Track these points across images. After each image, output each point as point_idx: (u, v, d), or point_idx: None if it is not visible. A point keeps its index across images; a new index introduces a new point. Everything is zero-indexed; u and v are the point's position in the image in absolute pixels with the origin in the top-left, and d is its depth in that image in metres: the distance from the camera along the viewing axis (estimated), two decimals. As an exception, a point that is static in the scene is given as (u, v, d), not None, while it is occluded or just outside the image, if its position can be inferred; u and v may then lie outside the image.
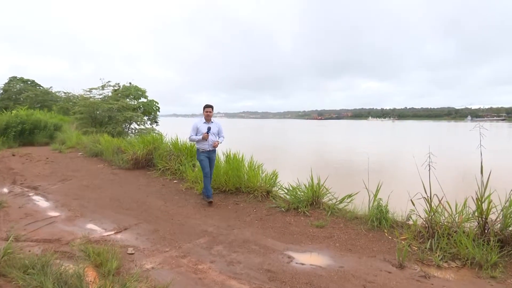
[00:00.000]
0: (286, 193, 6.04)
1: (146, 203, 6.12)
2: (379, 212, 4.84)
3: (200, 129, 5.90)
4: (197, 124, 5.93)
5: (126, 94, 17.31)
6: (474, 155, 4.53)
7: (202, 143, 5.91)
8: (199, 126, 5.91)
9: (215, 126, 5.98)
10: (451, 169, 15.04)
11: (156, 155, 8.88)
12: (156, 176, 8.26)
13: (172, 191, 6.99)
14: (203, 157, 5.94)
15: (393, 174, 14.46)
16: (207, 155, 5.96)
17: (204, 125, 5.91)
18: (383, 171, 14.95)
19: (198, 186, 6.88)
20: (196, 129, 5.92)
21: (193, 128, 5.93)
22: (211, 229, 4.81)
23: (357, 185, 5.67)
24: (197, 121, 6.00)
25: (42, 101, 24.02)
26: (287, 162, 18.44)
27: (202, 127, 5.90)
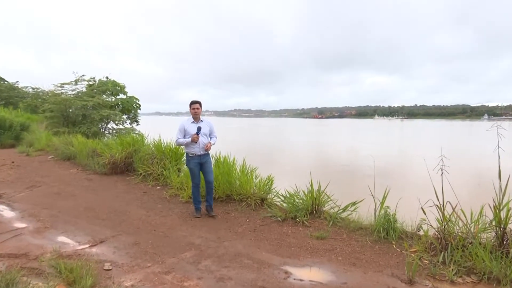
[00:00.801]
0: (283, 201, 6.04)
1: (125, 212, 6.09)
2: (387, 221, 4.86)
3: (188, 130, 5.61)
4: (185, 124, 5.64)
5: (103, 90, 17.20)
6: (491, 158, 4.57)
7: (191, 147, 5.62)
8: (186, 126, 5.63)
9: (205, 125, 5.68)
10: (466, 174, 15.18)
11: (137, 158, 8.85)
12: (137, 182, 8.22)
13: (154, 199, 6.96)
14: (194, 164, 5.67)
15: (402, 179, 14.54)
16: (199, 161, 5.67)
17: (192, 125, 5.62)
18: (391, 176, 15.03)
19: (184, 193, 6.86)
20: (184, 130, 5.63)
21: (179, 129, 5.63)
22: (198, 241, 4.79)
23: (361, 192, 5.69)
24: (184, 121, 5.71)
25: (7, 97, 23.79)
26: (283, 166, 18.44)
27: (190, 127, 5.61)
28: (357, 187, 12.32)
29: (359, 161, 20.19)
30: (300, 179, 6.22)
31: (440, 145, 5.16)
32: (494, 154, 4.30)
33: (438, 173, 4.37)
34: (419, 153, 20.45)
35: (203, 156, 5.69)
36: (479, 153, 22.19)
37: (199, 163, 5.69)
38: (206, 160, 5.73)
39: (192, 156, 5.66)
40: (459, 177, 13.34)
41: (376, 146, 30.87)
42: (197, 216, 5.82)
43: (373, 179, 5.59)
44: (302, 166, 17.47)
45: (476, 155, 21.89)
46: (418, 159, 17.78)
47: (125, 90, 17.93)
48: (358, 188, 12.03)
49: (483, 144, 26.56)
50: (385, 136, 48.38)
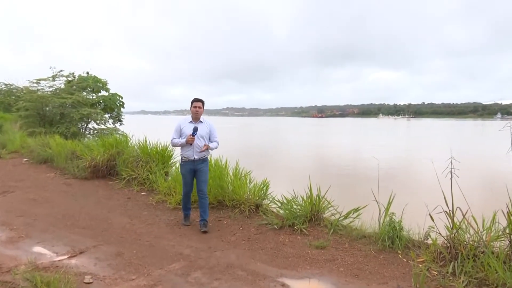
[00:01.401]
0: (280, 207, 6.04)
1: (108, 220, 6.06)
2: (392, 229, 4.88)
3: (184, 130, 5.49)
4: (181, 124, 5.54)
5: (83, 87, 17.13)
6: (504, 161, 4.62)
7: (185, 149, 5.50)
8: (183, 126, 5.51)
9: (204, 127, 5.53)
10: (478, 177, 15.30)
11: (120, 161, 8.82)
12: (120, 187, 8.20)
13: (139, 206, 6.94)
14: (186, 170, 5.55)
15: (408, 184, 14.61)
16: (192, 167, 5.50)
17: (189, 125, 5.48)
18: (396, 180, 15.10)
19: (172, 199, 6.85)
20: (179, 130, 5.52)
21: (176, 129, 5.55)
22: (187, 251, 4.79)
23: (365, 197, 5.70)
24: (181, 121, 5.63)
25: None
26: (280, 169, 18.47)
27: (186, 127, 5.48)
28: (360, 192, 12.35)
29: (362, 163, 20.28)
30: (298, 183, 6.23)
31: (450, 146, 5.18)
32: (508, 156, 4.33)
33: (447, 176, 4.39)
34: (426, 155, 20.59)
35: (197, 162, 5.50)
36: (492, 155, 22.38)
37: (192, 169, 5.52)
38: (201, 167, 5.54)
39: (186, 160, 5.53)
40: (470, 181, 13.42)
41: (380, 147, 31.01)
42: (186, 224, 5.80)
43: (377, 183, 5.61)
44: (300, 170, 17.50)
45: (488, 157, 22.08)
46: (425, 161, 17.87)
47: (108, 87, 17.87)
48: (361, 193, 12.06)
49: (496, 145, 26.78)
50: (390, 137, 48.61)
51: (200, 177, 5.55)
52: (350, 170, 18.21)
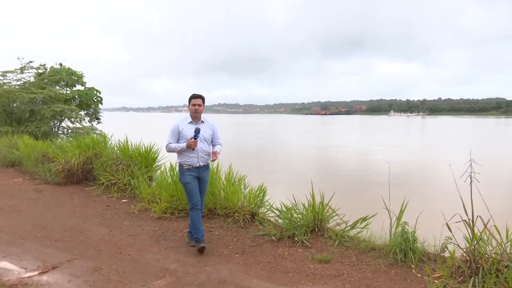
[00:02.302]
0: (278, 216, 6.05)
1: (84, 231, 6.05)
2: (404, 241, 4.89)
3: (183, 133, 5.23)
4: (179, 125, 5.26)
5: (55, 80, 17.10)
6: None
7: (187, 155, 5.23)
8: (181, 128, 5.24)
9: (206, 128, 5.34)
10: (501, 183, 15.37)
11: (98, 164, 8.81)
12: (98, 194, 8.19)
13: (120, 215, 6.93)
14: (190, 178, 5.25)
15: (423, 189, 14.68)
16: (196, 174, 5.30)
17: (189, 127, 5.23)
18: (410, 185, 15.16)
19: (157, 206, 6.84)
20: (178, 132, 5.24)
21: (172, 131, 5.26)
22: (174, 266, 4.78)
23: (374, 204, 5.72)
24: (179, 121, 5.32)
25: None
26: (279, 173, 18.49)
27: (186, 129, 5.23)
28: (369, 198, 12.39)
29: (370, 167, 20.34)
30: (298, 189, 6.25)
31: (469, 148, 5.20)
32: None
33: (467, 181, 4.41)
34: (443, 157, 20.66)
35: (202, 169, 5.34)
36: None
37: (196, 177, 5.31)
38: (205, 175, 5.44)
39: (188, 167, 5.27)
40: (492, 186, 13.50)
41: (391, 148, 31.12)
42: (201, 246, 5.17)
43: (388, 189, 5.63)
44: (301, 174, 17.53)
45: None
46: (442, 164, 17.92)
47: (84, 80, 17.85)
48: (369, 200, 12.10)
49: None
50: (402, 137, 48.77)
51: (202, 187, 5.45)
52: (357, 174, 18.25)
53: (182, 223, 6.32)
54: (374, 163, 21.98)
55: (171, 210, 6.76)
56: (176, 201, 6.81)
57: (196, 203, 5.26)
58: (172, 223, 6.42)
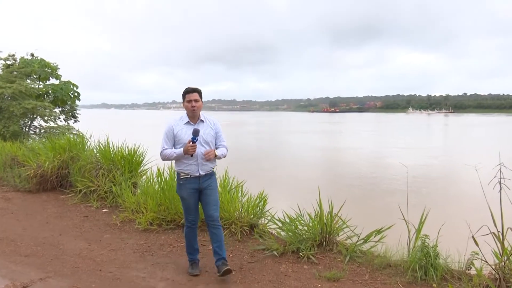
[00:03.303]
0: (280, 228, 6.03)
1: (59, 245, 6.02)
2: (425, 256, 4.88)
3: (179, 136, 4.91)
4: (174, 126, 4.96)
5: (27, 73, 17.07)
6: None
7: (185, 163, 4.91)
8: (177, 130, 4.93)
9: (207, 128, 5.02)
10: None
11: (75, 169, 8.78)
12: (75, 203, 8.17)
13: (100, 226, 6.91)
14: (188, 192, 4.95)
15: (446, 197, 14.68)
16: (196, 186, 4.94)
17: (186, 128, 4.92)
18: (430, 192, 15.16)
19: (142, 217, 6.82)
20: (172, 136, 4.94)
21: (166, 134, 4.96)
22: (162, 285, 4.77)
23: (390, 215, 5.72)
24: (173, 122, 5.01)
25: None
26: (281, 179, 18.49)
27: (183, 132, 4.91)
28: (384, 208, 12.39)
29: (386, 172, 20.34)
30: (304, 197, 6.25)
31: (498, 150, 5.19)
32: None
33: (496, 188, 4.41)
34: (469, 160, 20.64)
35: (203, 178, 4.96)
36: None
37: (196, 189, 4.97)
38: (209, 184, 5.01)
39: (186, 178, 4.96)
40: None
41: (409, 151, 31.14)
42: (194, 274, 5.09)
43: (406, 196, 5.62)
44: (307, 180, 17.53)
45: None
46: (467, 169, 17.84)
47: (59, 73, 17.81)
48: (385, 209, 12.09)
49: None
50: (422, 137, 48.79)
51: (208, 198, 5.01)
52: (370, 180, 18.27)
53: (171, 236, 6.30)
54: (390, 167, 21.98)
55: (158, 221, 6.72)
56: (164, 211, 6.79)
57: (193, 221, 5.08)
58: (159, 236, 6.40)
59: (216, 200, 5.06)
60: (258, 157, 26.91)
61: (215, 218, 4.99)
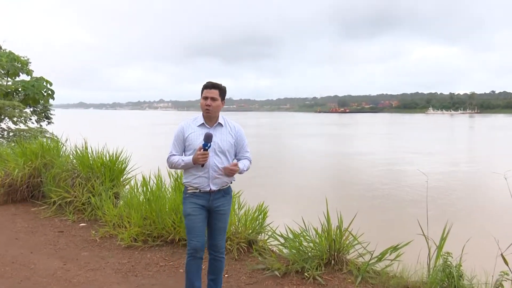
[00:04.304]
0: (283, 245, 6.03)
1: (30, 264, 6.01)
2: (447, 276, 4.88)
3: (190, 139, 4.50)
4: (185, 128, 4.56)
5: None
6: None
7: (193, 173, 4.50)
8: (188, 133, 4.52)
9: (226, 134, 4.58)
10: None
11: (49, 177, 8.79)
12: (48, 216, 8.17)
13: (77, 243, 6.90)
14: (194, 208, 4.49)
15: (471, 210, 14.68)
16: (205, 203, 4.50)
17: (199, 131, 4.49)
18: (453, 204, 15.16)
19: (125, 233, 6.81)
20: (183, 139, 4.55)
21: (175, 137, 4.58)
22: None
23: (407, 229, 5.72)
24: (184, 123, 4.62)
25: None
26: (284, 188, 18.49)
27: (195, 135, 4.49)
28: (401, 221, 12.38)
29: (402, 181, 20.35)
30: (310, 209, 6.25)
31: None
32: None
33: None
34: (497, 168, 20.67)
35: (215, 195, 4.52)
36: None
37: (205, 207, 4.53)
38: (221, 205, 4.58)
39: (193, 191, 4.53)
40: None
41: (429, 157, 31.17)
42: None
43: (425, 209, 5.62)
44: (313, 189, 17.54)
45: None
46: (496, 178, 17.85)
47: (30, 68, 17.81)
48: (401, 223, 12.08)
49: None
50: (444, 141, 48.83)
51: (217, 225, 4.62)
52: (385, 190, 18.27)
53: (158, 254, 6.28)
54: (407, 175, 21.99)
55: (143, 237, 6.72)
56: (150, 226, 6.79)
57: (196, 248, 4.44)
58: (144, 254, 6.38)
59: (225, 226, 4.68)
60: (257, 163, 26.88)
61: (221, 249, 4.67)
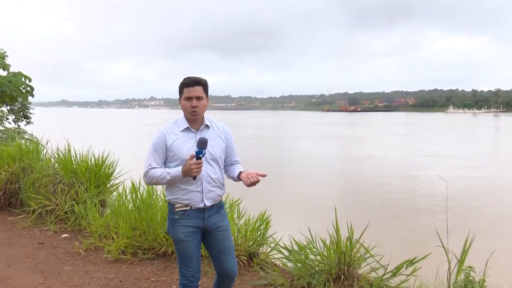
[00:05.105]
0: (287, 258, 6.03)
1: (7, 280, 6.01)
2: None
3: (174, 148, 4.08)
4: (166, 135, 4.11)
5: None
6: None
7: (182, 188, 4.06)
8: (171, 140, 4.09)
9: (216, 138, 4.21)
10: None
11: (28, 183, 8.79)
12: (27, 226, 8.18)
13: (58, 256, 6.89)
14: (186, 232, 4.08)
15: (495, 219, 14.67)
16: (199, 223, 4.12)
17: (184, 137, 4.11)
18: (475, 212, 15.16)
19: (112, 244, 6.81)
20: (164, 149, 4.10)
21: (154, 146, 4.11)
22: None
23: (424, 241, 5.73)
24: (164, 128, 4.18)
25: None
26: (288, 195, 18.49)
27: (180, 142, 4.09)
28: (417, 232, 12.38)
29: (419, 187, 20.34)
30: (317, 218, 6.25)
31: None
32: None
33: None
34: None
35: (209, 212, 4.15)
36: None
37: (199, 228, 4.15)
38: (219, 221, 4.23)
39: (183, 210, 4.10)
40: None
41: (450, 160, 31.15)
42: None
43: (445, 218, 5.62)
44: (320, 197, 17.54)
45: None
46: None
47: (7, 63, 17.83)
48: (418, 234, 12.07)
49: None
50: (466, 143, 48.80)
51: (222, 245, 4.24)
52: (400, 197, 18.25)
53: (149, 268, 6.27)
54: (425, 181, 21.96)
55: (132, 250, 6.71)
56: (140, 237, 6.78)
57: (191, 278, 4.13)
58: (133, 268, 6.37)
59: (231, 245, 4.31)
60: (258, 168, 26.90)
61: (234, 276, 4.29)
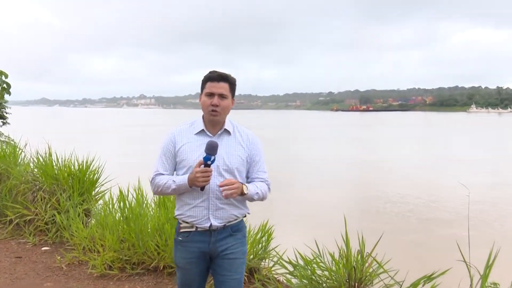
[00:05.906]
0: (291, 273, 6.03)
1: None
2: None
3: (184, 153, 3.87)
4: (176, 137, 3.93)
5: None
6: None
7: (187, 202, 3.83)
8: (180, 144, 3.89)
9: (235, 145, 3.92)
10: None
11: (4, 191, 8.81)
12: (4, 238, 8.20)
13: (38, 271, 6.90)
14: (189, 260, 3.89)
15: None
16: (205, 247, 3.84)
17: (197, 141, 3.85)
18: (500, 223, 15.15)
19: (98, 258, 6.80)
20: (172, 153, 3.92)
21: (163, 149, 3.95)
22: None
23: (444, 254, 5.72)
24: (176, 130, 3.99)
25: None
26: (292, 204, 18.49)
27: (190, 147, 3.86)
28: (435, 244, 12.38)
29: (438, 195, 20.35)
30: (324, 230, 6.25)
31: None
32: None
33: None
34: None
35: (218, 235, 3.83)
36: None
37: (203, 253, 3.88)
38: (231, 245, 3.89)
39: (187, 232, 3.89)
40: None
41: (472, 165, 31.12)
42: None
43: (467, 228, 5.62)
44: (328, 206, 17.55)
45: None
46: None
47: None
48: (436, 246, 12.06)
49: None
50: (489, 146, 48.75)
51: (225, 273, 3.90)
52: (417, 206, 18.24)
53: (138, 284, 6.28)
54: (444, 188, 21.96)
55: (120, 264, 6.70)
56: (128, 250, 6.78)
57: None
58: (121, 285, 6.38)
59: (241, 281, 3.98)
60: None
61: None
